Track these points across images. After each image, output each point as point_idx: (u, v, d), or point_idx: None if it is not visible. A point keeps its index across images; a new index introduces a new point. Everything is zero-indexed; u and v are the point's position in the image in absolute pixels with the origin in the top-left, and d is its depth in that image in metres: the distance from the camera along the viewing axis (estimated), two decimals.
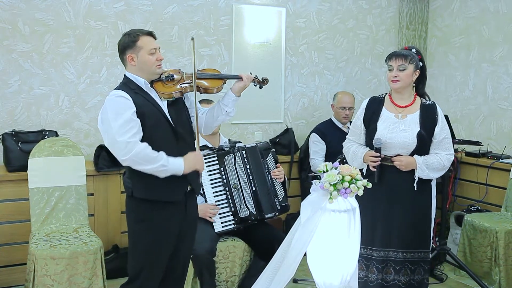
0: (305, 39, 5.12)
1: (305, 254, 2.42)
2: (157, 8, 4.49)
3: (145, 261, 2.64)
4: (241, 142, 3.76)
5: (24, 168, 3.67)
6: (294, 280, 4.01)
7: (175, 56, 4.57)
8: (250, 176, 3.49)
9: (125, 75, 2.66)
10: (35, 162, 3.60)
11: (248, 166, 3.49)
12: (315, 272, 2.39)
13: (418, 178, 3.02)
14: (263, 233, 3.46)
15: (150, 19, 4.46)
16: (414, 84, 3.09)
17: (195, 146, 2.70)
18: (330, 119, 4.66)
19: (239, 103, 4.78)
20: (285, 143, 4.86)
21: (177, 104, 2.72)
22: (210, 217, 3.40)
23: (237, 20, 4.79)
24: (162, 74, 2.68)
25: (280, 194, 3.56)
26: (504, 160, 4.53)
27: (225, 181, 3.45)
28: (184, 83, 2.70)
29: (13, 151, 3.83)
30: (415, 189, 3.02)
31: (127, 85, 2.61)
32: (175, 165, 2.54)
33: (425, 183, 3.06)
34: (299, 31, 5.09)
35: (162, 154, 2.52)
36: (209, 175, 3.43)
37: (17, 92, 4.08)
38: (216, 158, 3.45)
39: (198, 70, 2.79)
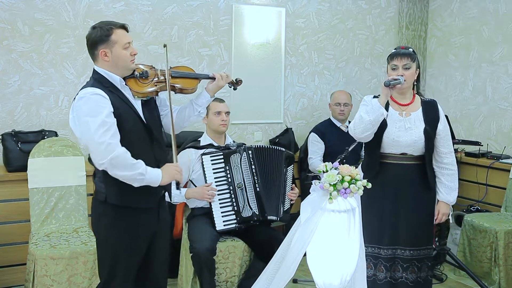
0: (304, 39, 5.12)
1: (305, 254, 2.42)
2: (157, 8, 4.49)
3: (118, 266, 2.53)
4: (245, 144, 3.76)
5: (23, 168, 3.67)
6: (294, 280, 4.01)
7: (175, 56, 4.57)
8: (255, 177, 3.48)
9: (95, 70, 2.48)
10: (34, 162, 3.60)
11: (253, 167, 3.49)
12: (315, 272, 2.39)
13: (429, 176, 3.05)
14: (263, 234, 3.46)
15: (150, 19, 4.46)
16: (415, 83, 3.10)
17: (173, 155, 2.55)
18: (329, 118, 4.67)
19: (239, 103, 4.86)
20: (284, 143, 4.86)
21: (150, 104, 2.61)
22: (210, 200, 3.39)
23: (236, 20, 4.79)
24: (135, 70, 2.54)
25: (287, 205, 3.57)
26: (503, 160, 4.54)
27: (229, 180, 3.44)
28: (159, 82, 2.60)
29: (12, 151, 3.83)
30: (431, 188, 3.07)
31: (100, 82, 2.44)
32: (153, 176, 2.41)
33: (433, 181, 3.08)
34: (298, 31, 5.09)
35: (141, 163, 2.39)
36: (214, 173, 3.43)
37: (17, 92, 4.08)
38: (222, 157, 3.45)
39: (171, 67, 2.70)
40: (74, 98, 2.42)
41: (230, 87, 2.92)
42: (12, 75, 4.06)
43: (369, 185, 2.40)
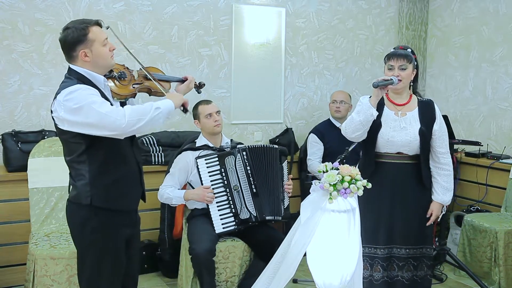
0: (304, 39, 5.12)
1: (305, 254, 2.42)
2: (157, 8, 4.49)
3: (103, 271, 2.48)
4: (242, 144, 3.75)
5: (23, 168, 3.67)
6: (294, 280, 4.01)
7: (175, 56, 4.57)
8: (251, 178, 3.48)
9: (74, 70, 2.40)
10: (34, 162, 3.60)
11: (248, 168, 3.48)
12: (315, 272, 2.39)
13: (424, 175, 3.06)
14: (263, 234, 3.46)
15: (150, 19, 4.46)
16: (412, 83, 3.11)
17: (163, 88, 2.61)
18: (329, 119, 4.67)
19: (239, 103, 4.86)
20: (284, 143, 4.85)
21: (125, 104, 2.55)
22: (209, 202, 3.39)
23: (237, 20, 4.79)
24: (113, 70, 2.51)
25: (286, 201, 3.57)
26: (503, 160, 4.54)
27: (225, 182, 3.44)
28: (136, 84, 2.59)
29: (13, 151, 3.83)
30: (426, 187, 3.08)
31: (83, 82, 2.36)
32: (166, 103, 2.40)
33: (428, 180, 3.09)
34: (298, 31, 5.09)
35: (148, 103, 2.37)
36: (209, 176, 3.42)
37: (17, 92, 4.08)
38: (216, 159, 3.44)
39: (141, 68, 2.67)
40: (55, 98, 2.35)
41: (196, 90, 2.93)
42: (12, 75, 4.06)
43: (369, 185, 2.40)
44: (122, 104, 2.56)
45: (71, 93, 2.28)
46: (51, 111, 2.39)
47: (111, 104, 2.40)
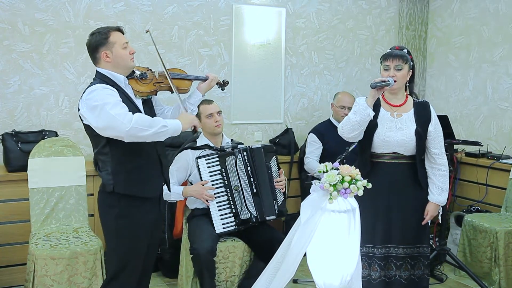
0: (304, 40, 5.12)
1: (305, 255, 2.42)
2: (157, 8, 4.49)
3: (127, 258, 2.66)
4: (243, 144, 3.75)
5: (24, 168, 3.67)
6: (294, 281, 4.01)
7: (175, 56, 4.57)
8: (251, 178, 3.48)
9: (98, 72, 2.64)
10: (35, 162, 3.60)
11: (249, 168, 3.48)
12: (315, 272, 2.39)
13: (420, 175, 3.07)
14: (263, 234, 3.46)
15: (150, 19, 4.46)
16: (407, 84, 3.12)
17: (180, 104, 2.82)
18: (329, 119, 4.66)
19: (239, 103, 4.86)
20: (285, 143, 4.86)
21: (148, 103, 2.79)
22: (207, 202, 3.39)
23: (237, 20, 4.79)
24: (134, 71, 2.72)
25: (280, 198, 3.56)
26: (504, 161, 4.53)
27: (226, 182, 3.44)
28: (157, 83, 2.79)
29: (13, 151, 3.83)
30: (422, 187, 3.08)
31: (105, 82, 2.59)
32: (175, 124, 2.58)
33: (424, 180, 3.10)
34: (299, 31, 5.09)
35: (159, 118, 2.59)
36: (210, 176, 3.43)
37: (17, 92, 4.08)
38: (217, 159, 3.44)
39: (168, 69, 2.88)
40: (81, 97, 2.56)
41: (219, 87, 3.09)
42: (12, 75, 4.06)
43: (369, 185, 2.40)
44: (145, 101, 2.75)
45: (91, 92, 2.52)
46: (78, 109, 2.60)
47: (132, 102, 2.60)
